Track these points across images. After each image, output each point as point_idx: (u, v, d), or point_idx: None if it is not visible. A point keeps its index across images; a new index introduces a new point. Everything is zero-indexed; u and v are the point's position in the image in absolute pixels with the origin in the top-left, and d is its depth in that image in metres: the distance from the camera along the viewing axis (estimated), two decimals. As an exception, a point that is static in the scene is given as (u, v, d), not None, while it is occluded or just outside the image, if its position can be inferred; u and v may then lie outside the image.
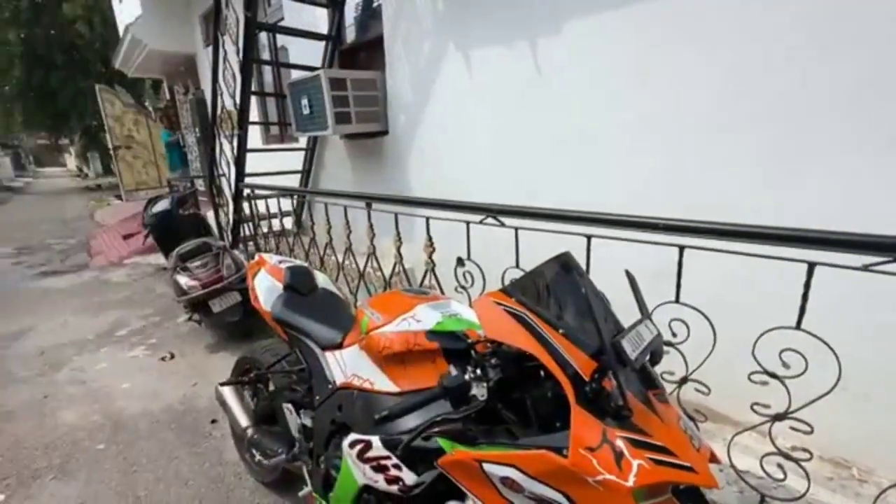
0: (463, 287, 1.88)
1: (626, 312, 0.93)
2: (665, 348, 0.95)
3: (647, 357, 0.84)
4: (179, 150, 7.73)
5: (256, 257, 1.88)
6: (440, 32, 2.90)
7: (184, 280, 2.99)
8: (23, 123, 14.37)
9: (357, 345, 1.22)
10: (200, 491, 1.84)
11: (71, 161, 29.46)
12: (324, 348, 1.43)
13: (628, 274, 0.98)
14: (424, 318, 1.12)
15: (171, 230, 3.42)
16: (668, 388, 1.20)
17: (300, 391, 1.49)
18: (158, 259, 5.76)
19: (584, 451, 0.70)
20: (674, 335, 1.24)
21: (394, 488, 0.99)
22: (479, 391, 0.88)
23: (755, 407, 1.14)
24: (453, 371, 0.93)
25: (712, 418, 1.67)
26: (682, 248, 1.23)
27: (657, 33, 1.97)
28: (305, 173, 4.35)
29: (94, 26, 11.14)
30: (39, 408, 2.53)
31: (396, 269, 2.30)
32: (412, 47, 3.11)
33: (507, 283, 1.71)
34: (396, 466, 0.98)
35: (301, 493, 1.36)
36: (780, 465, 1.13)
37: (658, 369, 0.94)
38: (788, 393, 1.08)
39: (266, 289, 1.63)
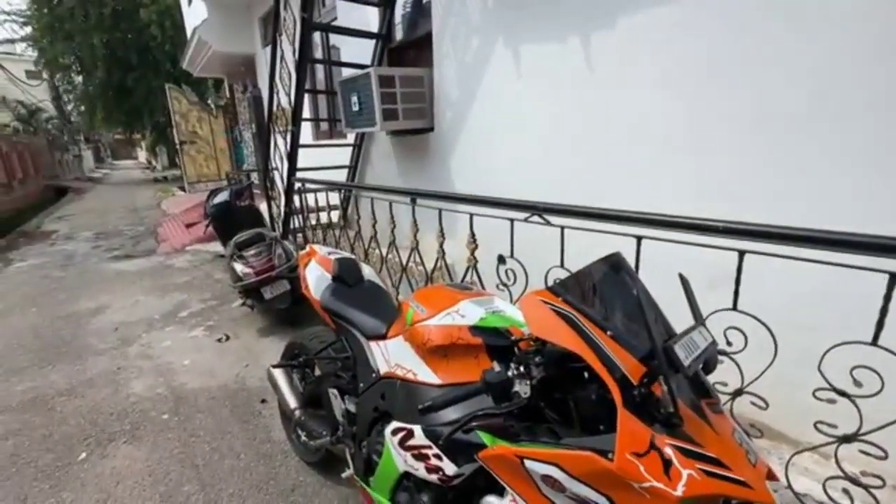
0: (505, 285, 1.87)
1: (677, 319, 0.90)
2: (720, 358, 0.91)
3: (700, 365, 0.81)
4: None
5: (307, 248, 1.97)
6: (489, 29, 2.89)
7: (239, 267, 3.18)
8: (103, 120, 15.79)
9: (401, 336, 1.26)
10: (250, 464, 1.97)
11: (142, 154, 32.10)
12: (368, 338, 1.48)
13: (682, 278, 0.94)
14: (468, 313, 1.14)
15: (229, 220, 3.65)
16: (722, 399, 1.14)
17: (345, 378, 1.55)
18: (217, 247, 6.16)
19: (630, 455, 0.69)
20: (729, 344, 1.18)
21: (434, 477, 1.02)
22: (522, 388, 0.88)
23: (819, 426, 1.06)
24: (496, 367, 0.94)
25: (768, 435, 1.57)
26: (741, 253, 1.17)
27: (721, 24, 1.86)
28: (353, 169, 4.49)
29: (165, 29, 12.05)
30: (114, 377, 2.80)
31: (438, 265, 2.33)
32: (460, 44, 3.12)
33: (550, 282, 1.70)
34: (437, 457, 1.00)
35: (343, 475, 1.42)
36: (846, 491, 1.05)
37: (711, 379, 0.90)
38: (860, 413, 1.00)
39: (316, 278, 1.71)
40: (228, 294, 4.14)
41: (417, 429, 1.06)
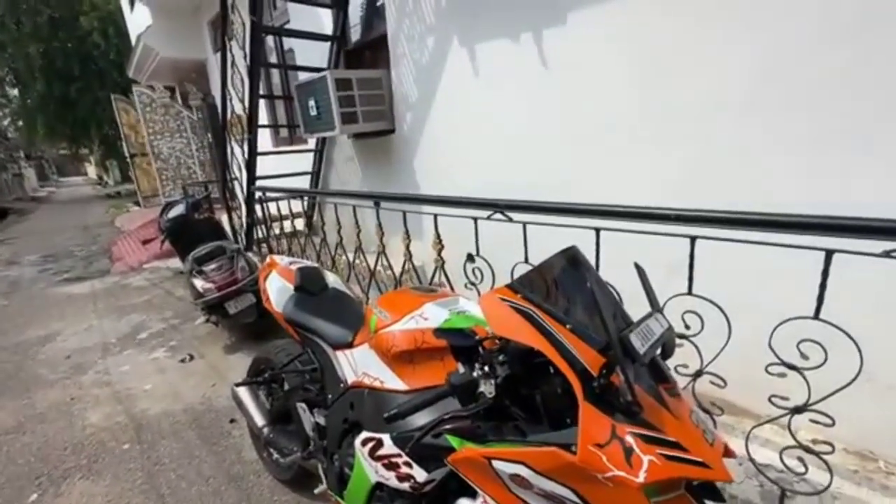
0: (472, 283, 1.87)
1: (639, 307, 0.92)
2: (679, 341, 0.94)
3: (658, 351, 0.82)
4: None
5: (268, 259, 1.90)
6: (443, 27, 2.89)
7: (200, 283, 3.05)
8: (44, 135, 14.82)
9: (366, 344, 1.23)
10: (221, 489, 1.88)
11: (91, 170, 30.35)
12: (335, 347, 1.44)
13: (637, 267, 0.96)
14: (432, 315, 1.12)
15: (187, 234, 3.49)
16: (683, 381, 1.18)
17: (313, 390, 1.51)
18: (176, 263, 5.85)
19: (592, 447, 0.69)
20: (687, 328, 1.21)
21: (405, 486, 1.00)
22: (488, 388, 0.87)
23: (773, 399, 1.11)
24: (461, 368, 0.93)
25: (730, 411, 1.63)
26: (693, 239, 1.20)
27: (671, 18, 1.92)
28: (315, 174, 4.39)
29: (108, 37, 11.41)
30: (67, 409, 2.62)
31: (406, 267, 2.31)
32: (416, 44, 3.10)
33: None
34: (407, 464, 0.99)
35: (317, 491, 1.38)
36: (800, 459, 1.10)
37: (672, 362, 0.92)
38: (808, 385, 1.05)
39: (277, 290, 1.65)
40: (191, 311, 3.96)
41: (386, 437, 1.04)
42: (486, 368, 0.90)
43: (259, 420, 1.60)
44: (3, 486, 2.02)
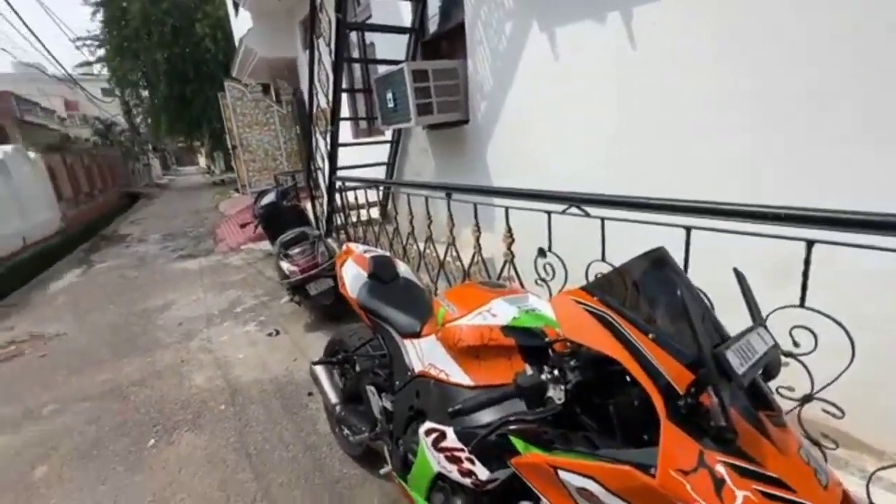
0: (543, 280, 1.80)
1: (738, 319, 0.81)
2: (784, 360, 0.81)
3: (759, 371, 0.72)
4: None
5: (344, 247, 2.00)
6: (523, 11, 2.78)
7: (285, 265, 3.32)
8: (166, 130, 17.11)
9: (434, 335, 1.24)
10: (298, 455, 2.06)
11: (202, 160, 34.51)
12: (404, 336, 1.48)
13: (737, 273, 0.85)
14: (500, 312, 1.10)
15: (276, 220, 3.81)
16: (788, 405, 1.03)
17: (382, 375, 1.57)
18: (267, 246, 6.48)
19: (675, 472, 0.63)
20: (796, 345, 1.05)
21: (467, 481, 1.00)
22: (557, 393, 0.83)
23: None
24: (529, 370, 0.89)
25: (846, 445, 1.40)
26: (810, 243, 1.03)
27: (785, -15, 1.66)
28: (391, 165, 4.53)
29: (217, 41, 12.78)
30: (178, 370, 3.03)
31: (475, 259, 2.29)
32: (493, 31, 3.03)
33: (591, 278, 1.62)
34: (470, 460, 0.98)
35: (382, 471, 1.44)
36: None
37: (774, 383, 0.81)
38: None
39: (352, 276, 1.73)
40: (277, 290, 4.34)
41: (450, 431, 1.04)
42: (556, 373, 0.86)
43: (332, 398, 1.71)
44: (130, 429, 2.40)
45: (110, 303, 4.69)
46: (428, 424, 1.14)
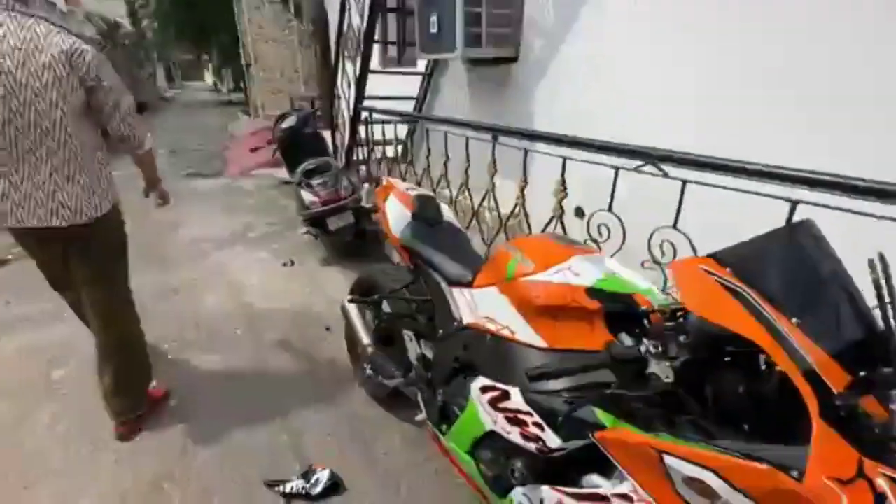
0: (595, 241, 1.68)
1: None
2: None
3: None
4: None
5: (384, 181, 1.85)
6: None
7: (306, 196, 3.17)
8: (175, 35, 16.11)
9: (496, 287, 1.13)
10: (317, 387, 2.04)
11: (208, 77, 32.93)
12: (451, 284, 1.38)
13: (882, 259, 0.72)
14: (583, 271, 0.99)
15: (296, 146, 3.61)
16: None
17: (421, 321, 1.49)
18: (280, 173, 6.26)
19: (829, 480, 0.54)
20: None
21: (530, 445, 0.94)
22: (662, 370, 0.74)
23: None
24: (626, 340, 0.79)
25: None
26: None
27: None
28: (420, 101, 4.24)
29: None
30: (191, 288, 2.98)
31: (516, 211, 2.16)
32: (563, -45, 2.66)
33: (656, 247, 1.49)
34: (538, 426, 0.91)
35: (417, 418, 1.40)
36: None
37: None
38: None
39: (395, 214, 1.60)
40: (292, 220, 4.22)
41: (515, 392, 0.96)
42: (659, 347, 0.76)
43: (364, 338, 1.65)
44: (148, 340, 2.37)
45: (126, 214, 4.56)
46: (483, 381, 1.07)
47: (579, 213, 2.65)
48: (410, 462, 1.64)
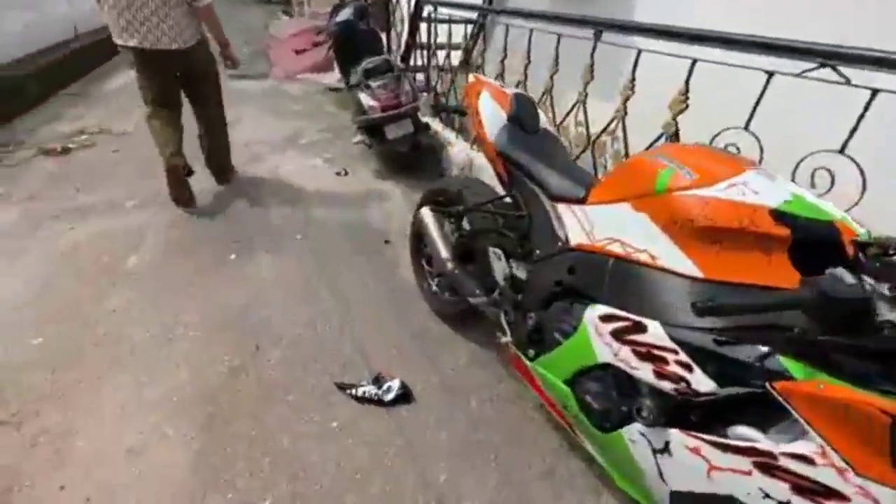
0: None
1: None
2: None
3: None
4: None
5: (473, 77, 1.60)
6: None
7: (366, 99, 2.92)
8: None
9: (629, 204, 0.95)
10: (379, 299, 2.00)
11: (246, -30, 30.77)
12: (555, 199, 1.20)
13: None
14: (763, 189, 0.78)
15: (352, 43, 3.29)
16: None
17: (512, 238, 1.34)
18: (325, 79, 5.94)
19: None
20: None
21: (665, 385, 0.81)
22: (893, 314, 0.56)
23: None
24: (845, 275, 0.61)
25: None
26: None
27: None
28: (490, -3, 3.69)
29: None
30: (249, 191, 2.93)
31: (613, 126, 1.87)
32: None
33: (808, 173, 1.23)
34: (683, 365, 0.78)
35: (503, 341, 1.32)
36: None
37: None
38: None
39: (490, 115, 1.39)
40: (341, 129, 4.02)
41: (654, 326, 0.82)
42: (888, 290, 0.57)
43: (443, 251, 1.53)
44: (209, 241, 2.38)
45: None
46: (604, 309, 0.93)
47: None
48: (480, 382, 1.61)
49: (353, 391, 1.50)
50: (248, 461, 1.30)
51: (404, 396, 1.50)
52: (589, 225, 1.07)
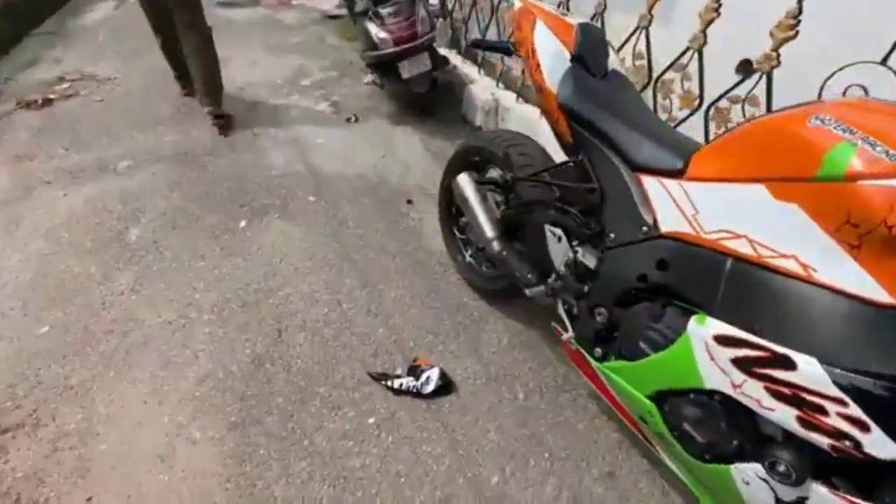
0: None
1: None
2: None
3: None
4: None
5: (517, 2, 1.25)
6: None
7: (375, 30, 2.50)
8: None
9: (765, 188, 0.70)
10: (407, 271, 1.82)
11: None
12: (638, 169, 0.95)
13: None
14: None
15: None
16: None
17: (576, 215, 1.10)
18: (323, 3, 5.27)
19: None
20: None
21: (817, 438, 0.62)
22: None
23: None
24: None
25: None
26: None
27: None
28: None
29: None
30: (252, 144, 2.64)
31: (686, 59, 1.53)
32: None
33: None
34: (856, 423, 0.58)
35: (564, 338, 1.13)
36: None
37: None
38: None
39: (551, 55, 1.08)
40: (346, 65, 3.59)
41: (810, 364, 0.61)
42: None
43: (488, 229, 1.30)
44: (216, 204, 2.16)
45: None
46: (721, 328, 0.73)
47: (744, 69, 1.91)
48: (525, 366, 1.46)
49: (389, 383, 1.37)
50: (283, 466, 1.20)
51: (444, 388, 1.37)
52: (692, 208, 0.82)
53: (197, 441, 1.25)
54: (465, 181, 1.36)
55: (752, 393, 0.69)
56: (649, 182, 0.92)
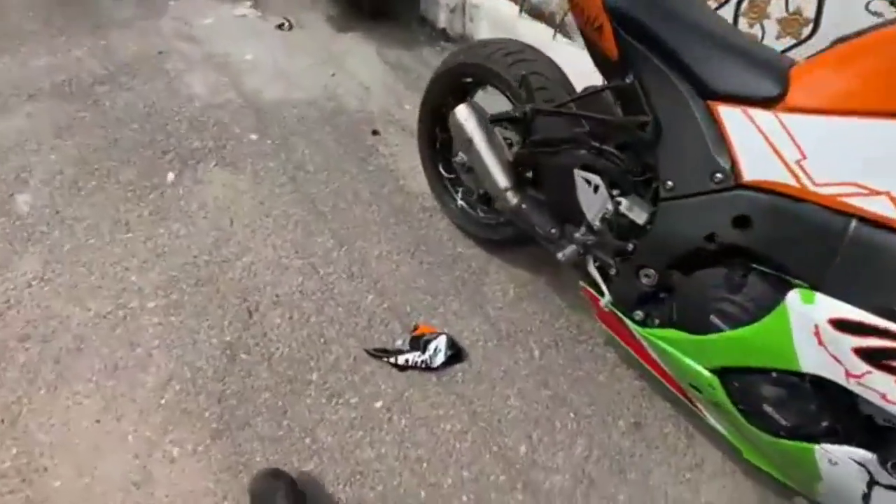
0: None
1: None
2: None
3: None
4: None
5: None
6: None
7: None
8: None
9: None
10: (388, 221, 1.56)
11: None
12: (713, 96, 0.73)
13: None
14: None
15: None
16: None
17: (617, 157, 0.88)
18: None
19: None
20: None
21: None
22: None
23: None
24: None
25: None
26: None
27: None
28: None
29: None
30: (159, 66, 2.07)
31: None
32: None
33: None
34: None
35: (602, 303, 0.97)
36: None
37: None
38: None
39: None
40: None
41: None
42: None
43: (500, 178, 1.05)
44: (129, 153, 1.70)
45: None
46: (841, 308, 0.59)
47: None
48: (536, 320, 1.34)
49: (392, 359, 1.20)
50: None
51: (455, 356, 1.23)
52: (794, 151, 0.63)
53: (175, 458, 1.06)
54: (466, 114, 1.06)
55: (878, 386, 0.58)
56: (729, 113, 0.70)
